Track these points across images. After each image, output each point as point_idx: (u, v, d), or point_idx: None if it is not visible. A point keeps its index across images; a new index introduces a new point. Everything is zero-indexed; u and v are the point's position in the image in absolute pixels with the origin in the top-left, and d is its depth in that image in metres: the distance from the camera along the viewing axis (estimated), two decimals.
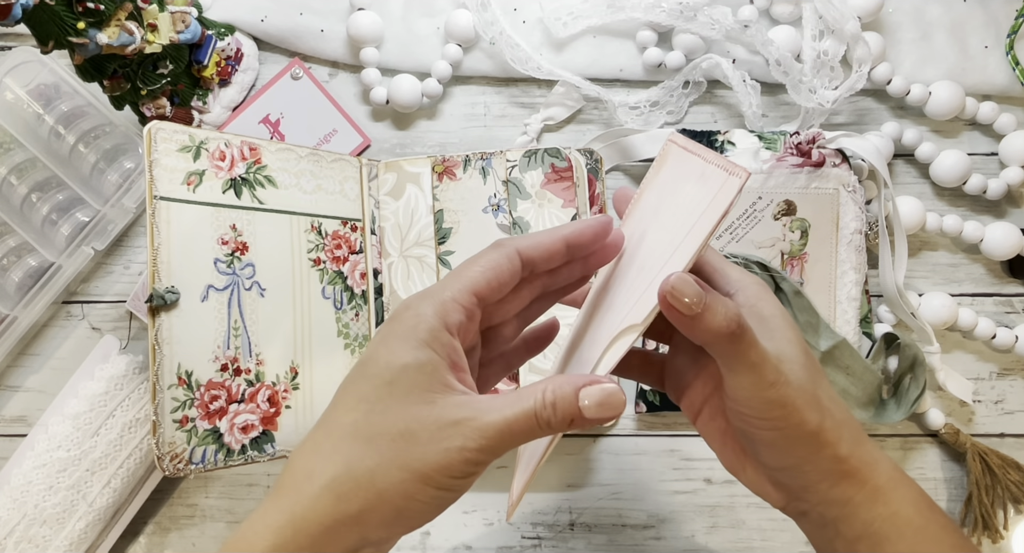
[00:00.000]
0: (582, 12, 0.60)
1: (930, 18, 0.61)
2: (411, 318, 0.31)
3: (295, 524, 0.29)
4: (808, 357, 0.34)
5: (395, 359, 0.30)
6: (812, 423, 0.32)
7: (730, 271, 0.35)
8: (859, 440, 0.34)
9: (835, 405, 0.34)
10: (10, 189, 0.61)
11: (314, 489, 0.29)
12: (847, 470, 0.33)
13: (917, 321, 0.58)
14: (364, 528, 0.29)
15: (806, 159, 0.57)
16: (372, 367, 0.31)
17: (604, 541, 0.61)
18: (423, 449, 0.29)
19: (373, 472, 0.29)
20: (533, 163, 0.58)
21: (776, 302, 0.35)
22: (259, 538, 0.29)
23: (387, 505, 0.29)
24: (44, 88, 0.61)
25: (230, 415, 0.50)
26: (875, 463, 0.34)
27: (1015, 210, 0.62)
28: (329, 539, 0.29)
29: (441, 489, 0.29)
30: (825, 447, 0.33)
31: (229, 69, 0.61)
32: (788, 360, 0.32)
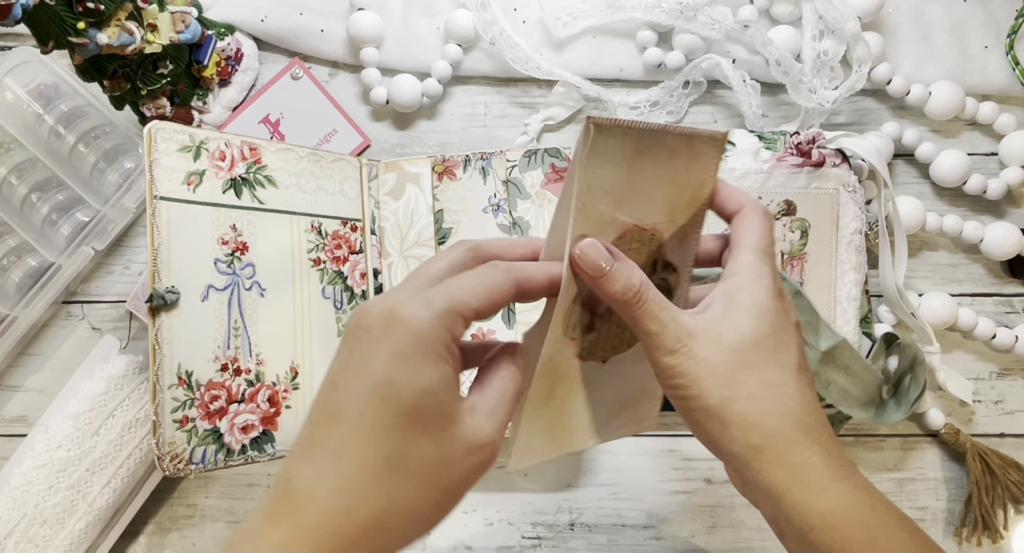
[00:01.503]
0: (582, 12, 0.60)
1: (930, 18, 0.61)
2: (421, 329, 0.29)
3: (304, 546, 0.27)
4: (750, 344, 0.34)
5: (416, 382, 0.28)
6: (712, 398, 0.33)
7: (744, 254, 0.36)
8: (796, 439, 0.33)
9: (773, 396, 0.33)
10: (10, 189, 0.61)
11: (355, 527, 0.28)
12: (768, 460, 0.33)
13: (917, 321, 0.58)
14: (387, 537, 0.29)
15: (806, 159, 0.57)
16: (392, 389, 0.28)
17: (604, 541, 0.61)
18: (452, 475, 0.30)
19: (417, 502, 0.29)
20: (533, 163, 0.58)
21: (760, 288, 0.35)
22: None
23: (424, 527, 0.30)
24: (44, 88, 0.61)
25: (230, 415, 0.50)
26: (807, 465, 0.33)
27: (1015, 210, 0.62)
28: None
29: (460, 498, 0.31)
30: (730, 427, 0.33)
31: (229, 69, 0.61)
32: (706, 337, 0.34)
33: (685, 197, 0.37)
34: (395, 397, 0.28)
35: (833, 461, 0.33)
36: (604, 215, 0.36)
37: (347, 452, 0.28)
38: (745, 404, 0.33)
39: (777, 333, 0.35)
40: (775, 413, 0.33)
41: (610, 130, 0.35)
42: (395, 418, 0.28)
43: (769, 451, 0.33)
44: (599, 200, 0.36)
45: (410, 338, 0.28)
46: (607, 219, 0.36)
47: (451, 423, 0.29)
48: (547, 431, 0.38)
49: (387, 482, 0.28)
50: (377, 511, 0.28)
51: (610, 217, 0.36)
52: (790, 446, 0.33)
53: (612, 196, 0.36)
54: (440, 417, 0.29)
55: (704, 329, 0.34)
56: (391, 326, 0.29)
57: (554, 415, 0.38)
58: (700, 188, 0.37)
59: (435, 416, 0.29)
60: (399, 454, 0.28)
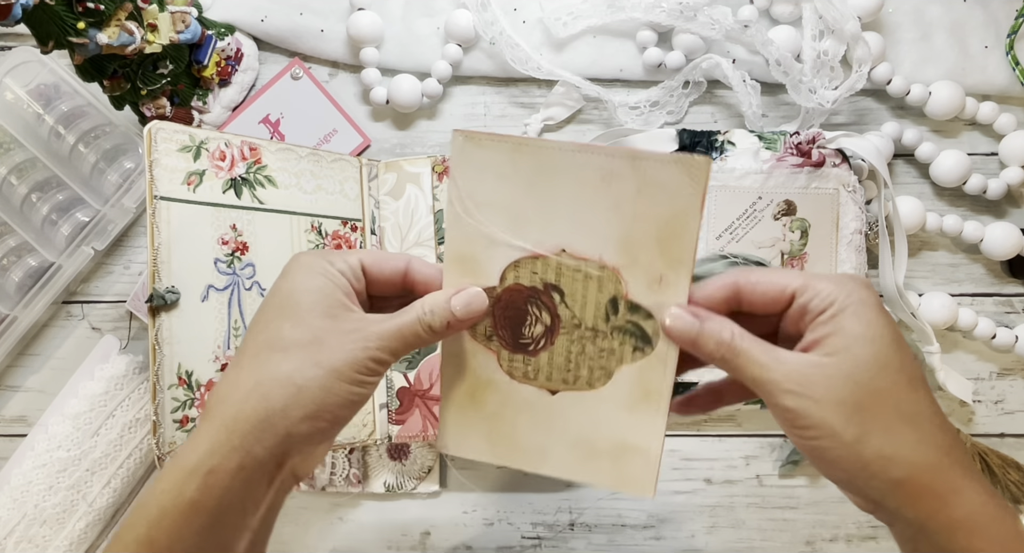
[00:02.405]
0: (582, 12, 0.60)
1: (930, 18, 0.61)
2: (304, 261, 0.36)
3: (227, 426, 0.33)
4: (875, 371, 0.32)
5: (296, 285, 0.35)
6: (846, 436, 0.32)
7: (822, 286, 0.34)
8: (940, 464, 0.32)
9: (909, 424, 0.32)
10: (10, 189, 0.61)
11: (240, 394, 0.33)
12: (909, 493, 0.32)
13: (917, 321, 0.58)
14: (289, 422, 0.33)
15: (806, 159, 0.57)
16: (275, 296, 0.35)
17: (604, 541, 0.61)
18: (332, 351, 0.34)
19: (291, 372, 0.33)
20: None
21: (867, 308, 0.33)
22: (195, 446, 0.33)
23: (307, 398, 0.33)
24: (44, 88, 0.61)
25: None
26: (955, 492, 0.32)
27: (1015, 210, 0.62)
28: (258, 435, 0.33)
29: (353, 384, 0.34)
30: (870, 465, 0.32)
31: (229, 69, 0.61)
32: (822, 372, 0.32)
33: (649, 233, 0.35)
34: (277, 299, 0.35)
35: (973, 481, 0.32)
36: (491, 235, 0.37)
37: (242, 347, 0.35)
38: (882, 439, 0.31)
39: (898, 352, 0.33)
40: (914, 441, 0.32)
41: (479, 140, 0.36)
42: (275, 312, 0.35)
43: (913, 483, 0.32)
44: (486, 214, 0.37)
45: (293, 265, 0.36)
46: (495, 240, 0.37)
47: (330, 314, 0.35)
48: (483, 435, 0.40)
49: (263, 357, 0.34)
50: (256, 379, 0.33)
51: (501, 239, 0.37)
52: (934, 473, 0.32)
53: (506, 214, 0.36)
54: (315, 308, 0.34)
55: (819, 363, 0.32)
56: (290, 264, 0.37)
57: (489, 422, 0.40)
58: (677, 225, 0.35)
59: (309, 308, 0.34)
60: (276, 337, 0.34)
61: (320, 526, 0.62)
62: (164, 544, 0.32)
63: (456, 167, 0.36)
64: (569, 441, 0.39)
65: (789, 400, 0.32)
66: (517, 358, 0.39)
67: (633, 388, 0.37)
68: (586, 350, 0.38)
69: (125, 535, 0.32)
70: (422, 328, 0.36)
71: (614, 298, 0.36)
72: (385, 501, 0.62)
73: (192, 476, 0.32)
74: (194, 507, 0.32)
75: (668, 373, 0.37)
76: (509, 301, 0.38)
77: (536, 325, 0.38)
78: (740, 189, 0.57)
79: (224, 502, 0.32)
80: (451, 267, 0.38)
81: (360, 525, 0.62)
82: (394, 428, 0.58)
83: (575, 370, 0.38)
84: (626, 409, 0.38)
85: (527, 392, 0.39)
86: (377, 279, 0.38)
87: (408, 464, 0.60)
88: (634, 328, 0.37)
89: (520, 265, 0.37)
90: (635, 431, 0.38)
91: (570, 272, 0.37)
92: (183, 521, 0.32)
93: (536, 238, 0.36)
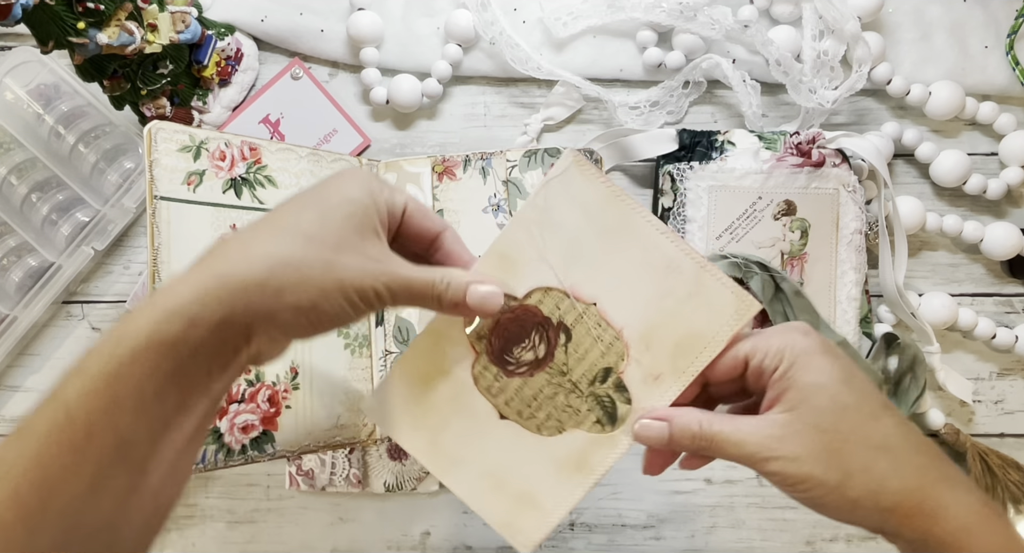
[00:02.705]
0: (582, 12, 0.60)
1: (930, 18, 0.61)
2: (359, 175, 0.36)
3: (221, 280, 0.31)
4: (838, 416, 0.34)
5: (344, 192, 0.34)
6: (831, 482, 0.34)
7: (769, 344, 0.36)
8: (923, 485, 0.34)
9: (884, 454, 0.34)
10: (10, 189, 0.61)
11: (247, 259, 0.32)
12: (902, 517, 0.34)
13: (917, 321, 0.58)
14: (278, 303, 0.32)
15: (806, 159, 0.57)
16: (320, 192, 0.35)
17: (604, 541, 0.61)
18: (346, 265, 0.33)
19: (302, 261, 0.32)
20: (533, 163, 0.58)
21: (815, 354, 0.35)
22: (180, 291, 0.31)
23: (304, 291, 0.32)
24: (44, 88, 0.61)
25: (230, 415, 0.50)
26: (944, 507, 0.33)
27: (1015, 210, 0.62)
28: (247, 301, 0.31)
29: (347, 303, 0.33)
30: (860, 502, 0.34)
31: (229, 69, 0.61)
32: (789, 429, 0.34)
33: (674, 334, 0.37)
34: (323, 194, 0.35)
35: (959, 492, 0.34)
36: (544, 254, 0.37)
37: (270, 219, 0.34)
38: (863, 476, 0.34)
39: (851, 390, 0.35)
40: (894, 470, 0.34)
41: (587, 171, 0.37)
42: (316, 204, 0.34)
43: (903, 507, 0.34)
44: (549, 234, 0.37)
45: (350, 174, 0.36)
46: (544, 259, 0.37)
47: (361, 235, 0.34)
48: (412, 417, 0.40)
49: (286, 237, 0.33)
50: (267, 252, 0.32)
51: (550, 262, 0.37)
52: (921, 495, 0.34)
53: (567, 244, 0.37)
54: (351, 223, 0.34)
55: (785, 422, 0.35)
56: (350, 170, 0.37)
57: (426, 409, 0.39)
58: (700, 342, 0.37)
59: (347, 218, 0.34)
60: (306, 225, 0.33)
61: (320, 526, 0.62)
62: (133, 383, 0.30)
63: (553, 181, 0.37)
64: (485, 467, 0.39)
65: (771, 466, 0.34)
66: (491, 370, 0.39)
67: (573, 454, 0.38)
68: (556, 398, 0.38)
69: (89, 366, 0.30)
70: (431, 293, 0.35)
71: (610, 369, 0.38)
72: (385, 501, 0.62)
73: (174, 318, 0.30)
74: (171, 349, 0.30)
75: (611, 458, 0.38)
76: (520, 317, 0.38)
77: (529, 351, 0.38)
78: (740, 189, 0.57)
79: (198, 355, 0.31)
80: (490, 259, 0.38)
81: (360, 525, 0.62)
82: None
83: (534, 409, 0.39)
84: (555, 468, 0.38)
85: (479, 404, 0.39)
86: (408, 228, 0.37)
87: (408, 464, 0.60)
88: (609, 404, 0.38)
89: (549, 293, 0.38)
90: (550, 492, 0.38)
91: (588, 325, 0.38)
92: (156, 361, 0.30)
93: (578, 280, 0.38)
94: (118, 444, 0.30)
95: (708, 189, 0.57)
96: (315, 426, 0.52)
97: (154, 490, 0.31)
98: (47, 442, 0.29)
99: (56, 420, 0.29)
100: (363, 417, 0.57)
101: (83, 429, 0.29)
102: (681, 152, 0.58)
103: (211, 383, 0.32)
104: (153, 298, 0.31)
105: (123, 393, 0.29)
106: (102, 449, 0.29)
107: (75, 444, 0.29)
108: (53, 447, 0.29)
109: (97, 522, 0.30)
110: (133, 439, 0.30)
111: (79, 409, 0.29)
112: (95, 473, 0.29)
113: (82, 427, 0.29)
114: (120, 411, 0.29)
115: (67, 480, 0.29)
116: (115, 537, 0.31)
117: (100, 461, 0.29)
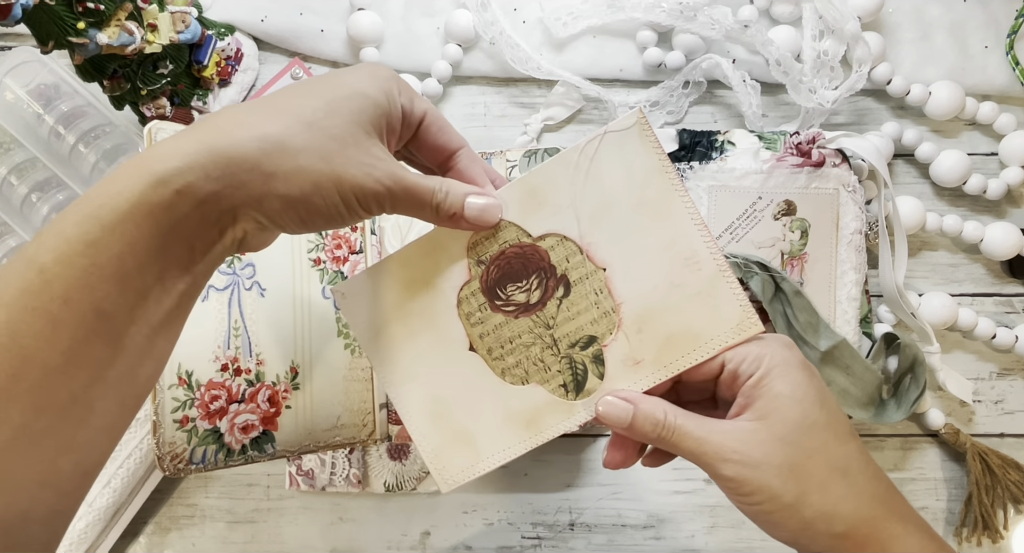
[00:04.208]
0: (582, 12, 0.60)
1: (930, 18, 0.61)
2: (381, 73, 0.33)
3: (214, 153, 0.29)
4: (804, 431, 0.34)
5: (360, 87, 0.32)
6: (786, 497, 0.33)
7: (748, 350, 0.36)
8: (876, 514, 0.33)
9: (843, 478, 0.33)
10: (10, 189, 0.61)
11: (242, 135, 0.30)
12: (853, 546, 0.33)
13: (917, 321, 0.58)
14: (269, 189, 0.30)
15: (806, 159, 0.57)
16: (334, 81, 0.33)
17: (604, 541, 0.61)
18: (347, 160, 0.31)
19: (300, 149, 0.30)
20: (533, 163, 0.58)
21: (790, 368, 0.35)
22: (167, 157, 0.29)
23: (296, 182, 0.30)
24: (44, 88, 0.61)
25: (230, 415, 0.50)
26: (895, 539, 0.33)
27: (1015, 210, 0.62)
28: (238, 180, 0.29)
29: (341, 200, 0.31)
30: (813, 523, 0.33)
31: (229, 69, 0.61)
32: (755, 437, 0.34)
33: (669, 326, 0.36)
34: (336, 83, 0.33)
35: (912, 527, 0.34)
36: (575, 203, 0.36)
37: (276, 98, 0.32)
38: (820, 496, 0.33)
39: (823, 409, 0.34)
40: (850, 495, 0.33)
41: (646, 134, 0.35)
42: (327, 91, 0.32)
43: (855, 535, 0.33)
44: (588, 183, 0.36)
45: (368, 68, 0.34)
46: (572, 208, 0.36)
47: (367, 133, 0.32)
48: (377, 315, 0.38)
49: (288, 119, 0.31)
50: (265, 132, 0.30)
51: (578, 213, 0.36)
52: (873, 524, 0.33)
53: (601, 200, 0.36)
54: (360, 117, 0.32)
55: (751, 429, 0.34)
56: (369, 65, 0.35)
57: (395, 311, 0.38)
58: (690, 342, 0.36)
59: (357, 112, 0.32)
60: (311, 112, 0.31)
61: (320, 526, 0.62)
62: (115, 251, 0.28)
63: (611, 134, 0.36)
64: (436, 392, 0.38)
65: (728, 469, 0.33)
66: (478, 298, 0.37)
67: (527, 409, 0.37)
68: (531, 348, 0.37)
69: (66, 228, 0.28)
70: (430, 201, 0.34)
71: (595, 338, 0.37)
72: (385, 501, 0.62)
73: (161, 186, 0.28)
74: (154, 219, 0.28)
75: (562, 426, 0.37)
76: (526, 255, 0.37)
77: (522, 293, 0.37)
78: (740, 189, 0.57)
79: (181, 228, 0.29)
80: (518, 189, 0.37)
81: (360, 525, 0.62)
82: (394, 428, 0.58)
83: (506, 352, 0.37)
84: (504, 417, 0.37)
85: (453, 328, 0.38)
86: (424, 140, 0.36)
87: (408, 464, 0.60)
88: (581, 372, 0.37)
89: (564, 243, 0.37)
90: (490, 438, 0.37)
91: (589, 288, 0.37)
92: (139, 229, 0.28)
93: (598, 240, 0.36)
94: (96, 313, 0.28)
95: (708, 189, 0.57)
96: (315, 426, 0.52)
97: (130, 365, 0.30)
98: (20, 307, 0.27)
99: (30, 284, 0.27)
100: (363, 417, 0.57)
101: (60, 295, 0.27)
102: (681, 152, 0.58)
103: (193, 261, 0.30)
104: (140, 161, 0.29)
105: (102, 261, 0.28)
106: (79, 318, 0.27)
107: (51, 311, 0.27)
108: (27, 313, 0.27)
109: (70, 395, 0.28)
110: (111, 310, 0.28)
111: (56, 275, 0.27)
112: (71, 343, 0.27)
113: (59, 294, 0.27)
114: (99, 279, 0.28)
115: (41, 349, 0.27)
116: (88, 413, 0.29)
117: (76, 330, 0.27)
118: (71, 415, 0.28)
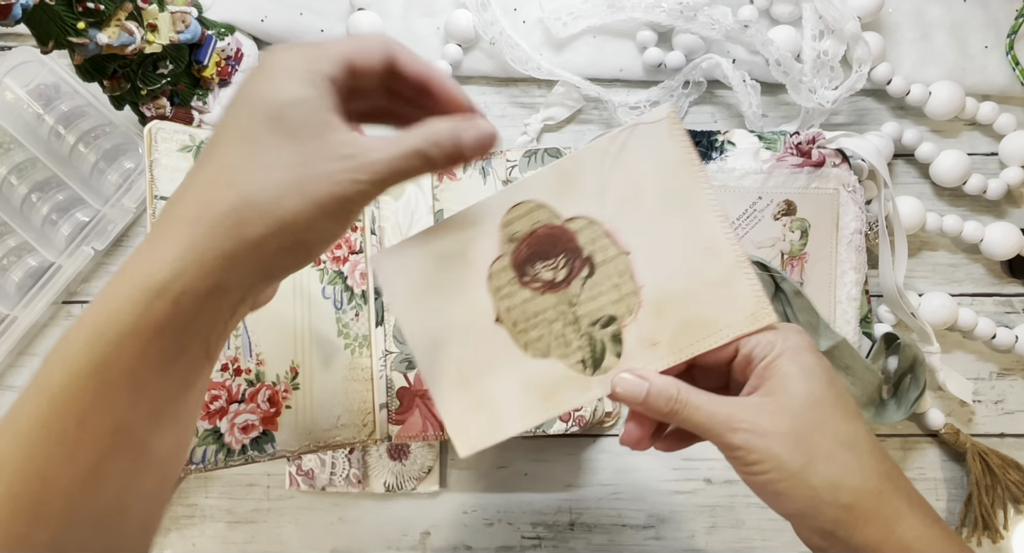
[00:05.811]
0: (582, 12, 0.60)
1: (930, 18, 0.61)
2: (286, 63, 0.31)
3: (197, 246, 0.28)
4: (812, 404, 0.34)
5: (282, 94, 0.30)
6: (792, 465, 0.34)
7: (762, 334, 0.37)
8: (883, 489, 0.34)
9: (849, 450, 0.34)
10: (10, 189, 0.61)
11: (214, 216, 0.28)
12: (858, 519, 0.33)
13: (917, 321, 0.58)
14: (263, 256, 0.29)
15: (806, 159, 0.57)
16: (256, 103, 0.30)
17: (604, 541, 0.61)
18: (318, 181, 0.29)
19: (275, 200, 0.29)
20: (533, 163, 0.58)
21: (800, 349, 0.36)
22: (157, 262, 0.28)
23: (288, 232, 0.29)
24: (44, 88, 0.61)
25: (230, 415, 0.50)
26: (902, 518, 0.33)
27: (1015, 210, 0.62)
28: (230, 265, 0.29)
29: (336, 221, 0.30)
30: (819, 491, 0.33)
31: (229, 69, 0.61)
32: (764, 409, 0.34)
33: (687, 312, 0.37)
34: (257, 107, 0.30)
35: (917, 507, 0.34)
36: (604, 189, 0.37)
37: (213, 158, 0.30)
38: (826, 465, 0.34)
39: (831, 388, 0.35)
40: (856, 468, 0.34)
41: (675, 131, 0.37)
42: (256, 124, 0.30)
43: (860, 507, 0.33)
44: (617, 173, 0.37)
45: (274, 66, 0.31)
46: (601, 194, 0.38)
47: (319, 134, 0.30)
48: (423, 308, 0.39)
49: (244, 176, 0.29)
50: (233, 202, 0.29)
51: (605, 199, 0.38)
52: (878, 498, 0.34)
53: (629, 189, 0.38)
54: (306, 126, 0.30)
55: (761, 403, 0.35)
56: (264, 61, 0.31)
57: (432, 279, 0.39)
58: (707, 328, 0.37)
59: (296, 126, 0.30)
60: (258, 155, 0.29)
61: (320, 526, 0.62)
62: (125, 367, 0.28)
63: (642, 126, 0.38)
64: (461, 359, 0.39)
65: (737, 438, 0.34)
66: (508, 273, 0.39)
67: (546, 382, 0.38)
68: (554, 324, 0.39)
69: (70, 354, 0.28)
70: (421, 162, 0.32)
71: (614, 318, 0.38)
72: (385, 501, 0.62)
73: (159, 298, 0.28)
74: (160, 332, 0.28)
75: (577, 400, 0.38)
76: (556, 236, 0.38)
77: (549, 271, 0.39)
78: (740, 189, 0.57)
79: (190, 328, 0.29)
80: (551, 172, 0.38)
81: (360, 525, 0.62)
82: (394, 428, 0.58)
83: (530, 326, 0.39)
84: (523, 388, 0.39)
85: (483, 300, 0.39)
86: (362, 74, 0.32)
87: (408, 464, 0.60)
88: (600, 350, 0.38)
89: (591, 226, 0.38)
90: (509, 407, 0.39)
91: (613, 270, 0.38)
92: (146, 347, 0.28)
93: (623, 226, 0.38)
94: (115, 429, 0.28)
95: None
96: (315, 426, 0.52)
97: (159, 462, 0.31)
98: (33, 437, 0.28)
99: (40, 412, 0.28)
100: (363, 417, 0.57)
101: (74, 419, 0.28)
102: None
103: (210, 345, 0.31)
104: (130, 276, 0.29)
105: (114, 378, 0.28)
106: (98, 436, 0.28)
107: (65, 435, 0.28)
108: (40, 441, 0.28)
109: (102, 507, 0.29)
110: (131, 421, 0.29)
111: (65, 400, 0.28)
112: (94, 461, 0.28)
113: (73, 417, 0.28)
114: (114, 396, 0.28)
115: (60, 472, 0.28)
116: (124, 517, 0.30)
117: (97, 448, 0.28)
118: (106, 522, 0.29)
